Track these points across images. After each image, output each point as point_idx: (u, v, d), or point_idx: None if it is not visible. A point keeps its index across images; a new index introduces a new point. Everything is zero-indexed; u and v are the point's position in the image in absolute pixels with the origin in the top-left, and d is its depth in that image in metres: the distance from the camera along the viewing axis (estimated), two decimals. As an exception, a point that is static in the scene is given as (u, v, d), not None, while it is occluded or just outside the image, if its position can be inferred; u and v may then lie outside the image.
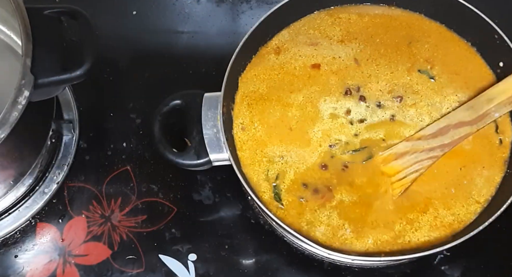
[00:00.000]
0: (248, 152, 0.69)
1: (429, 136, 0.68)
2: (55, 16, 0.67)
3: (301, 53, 0.73)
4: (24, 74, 0.60)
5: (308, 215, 0.67)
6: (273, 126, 0.70)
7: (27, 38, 0.62)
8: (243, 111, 0.71)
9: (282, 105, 0.71)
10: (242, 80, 0.72)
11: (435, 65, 0.72)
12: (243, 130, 0.70)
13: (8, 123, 0.59)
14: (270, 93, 0.72)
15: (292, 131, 0.70)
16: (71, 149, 0.80)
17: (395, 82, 0.71)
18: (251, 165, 0.69)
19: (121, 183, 0.79)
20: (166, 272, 0.75)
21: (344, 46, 0.74)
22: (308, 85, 0.72)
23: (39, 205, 0.78)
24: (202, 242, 0.76)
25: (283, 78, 0.72)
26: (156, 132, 0.70)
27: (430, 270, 0.75)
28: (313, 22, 0.75)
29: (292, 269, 0.76)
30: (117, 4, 0.90)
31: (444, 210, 0.66)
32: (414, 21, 0.75)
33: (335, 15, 0.75)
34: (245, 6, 0.90)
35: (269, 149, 0.69)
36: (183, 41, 0.88)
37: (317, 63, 0.73)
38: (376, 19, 0.75)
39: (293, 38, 0.74)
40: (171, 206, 0.78)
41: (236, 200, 0.78)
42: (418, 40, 0.74)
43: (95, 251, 0.76)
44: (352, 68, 0.72)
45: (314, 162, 0.68)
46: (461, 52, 0.73)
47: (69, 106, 0.82)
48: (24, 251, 0.76)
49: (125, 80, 0.85)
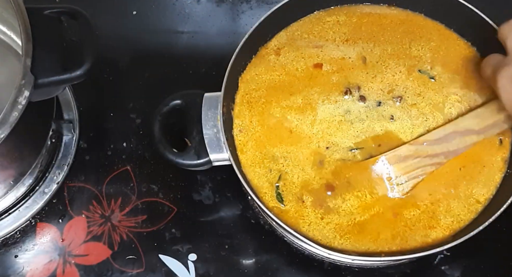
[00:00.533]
0: (248, 153, 0.69)
1: (434, 141, 0.67)
2: (55, 16, 0.67)
3: (301, 53, 0.73)
4: (24, 74, 0.60)
5: (308, 215, 0.67)
6: (273, 127, 0.70)
7: (27, 38, 0.62)
8: (243, 111, 0.71)
9: (282, 107, 0.71)
10: (242, 80, 0.72)
11: (435, 65, 0.72)
12: (243, 131, 0.70)
13: (8, 123, 0.59)
14: (270, 93, 0.72)
15: (292, 132, 0.70)
16: (71, 149, 0.80)
17: (395, 82, 0.71)
18: (251, 166, 0.69)
19: (121, 183, 0.79)
20: (166, 272, 0.75)
21: (344, 46, 0.73)
22: (309, 86, 0.71)
23: (39, 205, 0.78)
24: (202, 242, 0.76)
25: (284, 78, 0.72)
26: (156, 132, 0.69)
27: (430, 270, 0.75)
28: (313, 22, 0.75)
29: (292, 269, 0.76)
30: (117, 4, 0.90)
31: (444, 210, 0.66)
32: (414, 21, 0.75)
33: (335, 15, 0.75)
34: (245, 6, 0.90)
35: (269, 150, 0.69)
36: (183, 41, 0.88)
37: (318, 63, 0.72)
38: (376, 19, 0.75)
39: (293, 38, 0.74)
40: (171, 206, 0.78)
41: (236, 200, 0.78)
42: (418, 40, 0.73)
43: (95, 251, 0.76)
44: (352, 68, 0.72)
45: (313, 163, 0.68)
46: (461, 52, 0.73)
47: (69, 106, 0.82)
48: (24, 251, 0.76)
49: (125, 80, 0.85)
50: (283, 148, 0.69)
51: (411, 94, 0.71)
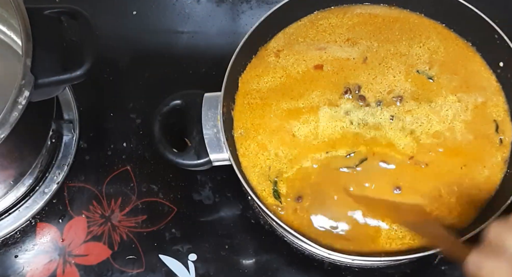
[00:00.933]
0: (248, 154, 0.69)
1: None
2: (55, 16, 0.66)
3: (302, 54, 0.73)
4: (24, 74, 0.60)
5: (308, 215, 0.66)
6: (273, 128, 0.70)
7: (27, 38, 0.62)
8: (244, 112, 0.71)
9: (283, 108, 0.71)
10: (242, 80, 0.72)
11: (434, 65, 0.72)
12: (243, 132, 0.70)
13: (8, 123, 0.59)
14: (271, 94, 0.71)
15: (292, 134, 0.69)
16: (71, 149, 0.80)
17: (394, 83, 0.71)
18: (252, 167, 0.69)
19: (121, 183, 0.79)
20: (166, 272, 0.75)
21: (344, 46, 0.74)
22: (309, 88, 0.71)
23: (39, 205, 0.78)
24: (202, 242, 0.76)
25: (284, 80, 0.72)
26: (156, 132, 0.69)
27: (430, 270, 0.75)
28: (312, 23, 0.75)
29: (292, 269, 0.76)
30: (117, 4, 0.90)
31: (444, 209, 0.66)
32: (414, 21, 0.75)
33: (335, 15, 0.75)
34: (245, 6, 0.90)
35: (269, 150, 0.69)
36: (183, 41, 0.88)
37: (319, 64, 0.72)
38: (375, 19, 0.75)
39: (293, 39, 0.74)
40: (171, 206, 0.78)
41: (236, 200, 0.78)
42: (417, 40, 0.73)
43: (95, 251, 0.76)
44: (351, 68, 0.72)
45: (313, 163, 0.68)
46: (461, 52, 0.73)
47: (69, 106, 0.82)
48: (24, 251, 0.76)
49: (125, 80, 0.85)
50: (283, 149, 0.69)
51: (411, 94, 0.71)
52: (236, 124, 0.70)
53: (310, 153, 0.69)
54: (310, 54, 0.73)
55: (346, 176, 0.67)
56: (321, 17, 0.76)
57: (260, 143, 0.69)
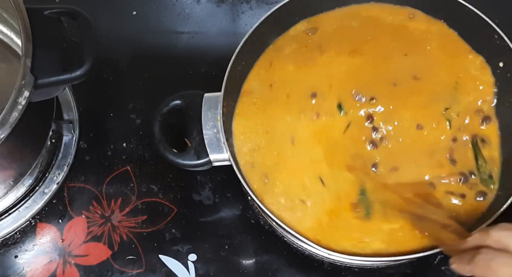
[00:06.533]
0: (249, 155, 0.69)
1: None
2: (55, 16, 0.66)
3: (302, 55, 0.73)
4: (24, 74, 0.60)
5: (308, 216, 0.67)
6: (273, 129, 0.70)
7: (27, 38, 0.62)
8: (244, 113, 0.71)
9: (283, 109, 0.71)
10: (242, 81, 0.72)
11: (433, 65, 0.72)
12: (244, 133, 0.70)
13: (8, 124, 0.59)
14: (272, 95, 0.71)
15: (292, 136, 0.69)
16: (71, 150, 0.80)
17: (394, 84, 0.71)
18: (252, 168, 0.68)
19: (121, 183, 0.79)
20: (166, 272, 0.75)
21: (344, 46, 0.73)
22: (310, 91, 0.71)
23: (39, 205, 0.78)
24: (202, 243, 0.76)
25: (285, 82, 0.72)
26: (156, 132, 0.70)
27: (430, 270, 0.75)
28: (313, 23, 0.75)
29: (292, 269, 0.76)
30: (117, 4, 0.90)
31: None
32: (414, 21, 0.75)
33: (334, 15, 0.75)
34: (245, 6, 0.90)
35: (269, 151, 0.69)
36: (183, 41, 0.88)
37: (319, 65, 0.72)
38: (375, 19, 0.75)
39: (293, 39, 0.74)
40: (171, 206, 0.78)
41: (236, 201, 0.78)
42: (417, 40, 0.73)
43: (95, 252, 0.76)
44: (352, 68, 0.72)
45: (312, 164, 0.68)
46: (461, 52, 0.73)
47: (69, 106, 0.82)
48: (24, 252, 0.76)
49: (125, 80, 0.85)
50: (282, 150, 0.69)
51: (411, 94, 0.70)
52: (236, 124, 0.70)
53: (308, 151, 0.68)
54: (308, 54, 0.73)
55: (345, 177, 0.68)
56: (321, 17, 0.75)
57: (260, 143, 0.69)
